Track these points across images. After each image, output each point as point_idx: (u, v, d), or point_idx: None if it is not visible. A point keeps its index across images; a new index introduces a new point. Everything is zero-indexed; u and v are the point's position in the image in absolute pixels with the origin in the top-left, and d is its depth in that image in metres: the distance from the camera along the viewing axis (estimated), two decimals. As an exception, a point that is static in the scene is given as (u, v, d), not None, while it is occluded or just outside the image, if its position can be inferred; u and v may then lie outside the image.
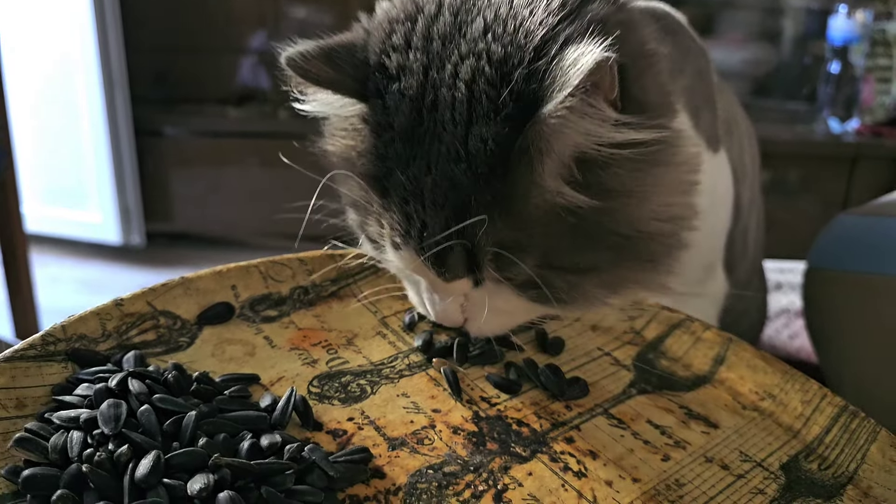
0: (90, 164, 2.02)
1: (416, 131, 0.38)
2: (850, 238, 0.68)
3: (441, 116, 0.37)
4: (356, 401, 0.41)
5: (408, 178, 0.38)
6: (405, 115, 0.38)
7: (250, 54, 2.16)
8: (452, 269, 0.39)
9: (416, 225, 0.38)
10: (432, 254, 0.38)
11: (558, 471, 0.37)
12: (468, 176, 0.37)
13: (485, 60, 0.37)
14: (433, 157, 0.37)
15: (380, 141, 0.39)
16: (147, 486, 0.30)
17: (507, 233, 0.37)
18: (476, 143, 0.36)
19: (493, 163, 0.36)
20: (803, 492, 0.38)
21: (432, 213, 0.38)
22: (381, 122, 0.39)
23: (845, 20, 1.96)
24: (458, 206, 0.37)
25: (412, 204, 0.38)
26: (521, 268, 0.38)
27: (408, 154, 0.38)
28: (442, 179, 0.37)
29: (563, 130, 0.35)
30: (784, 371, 0.45)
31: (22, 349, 0.38)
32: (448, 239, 0.38)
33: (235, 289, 0.48)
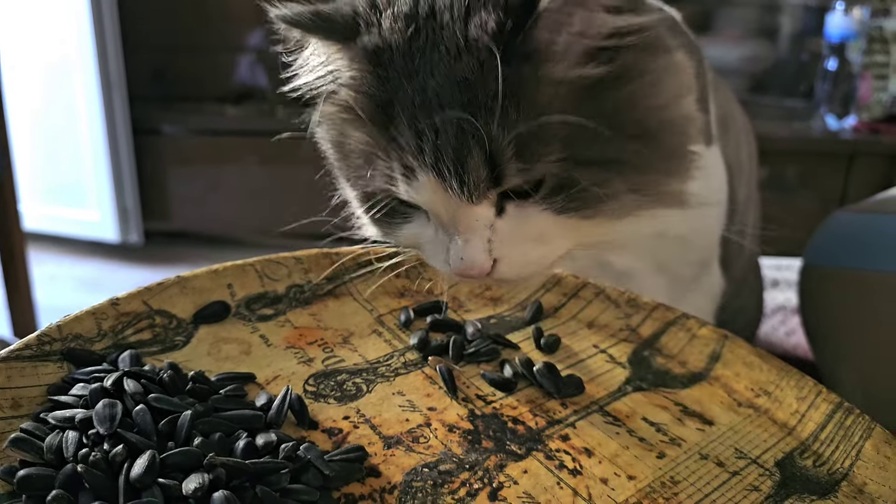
0: (88, 163, 2.01)
1: (413, 45, 0.38)
2: (846, 235, 0.68)
3: (439, 20, 0.38)
4: (352, 399, 0.41)
5: (413, 90, 0.38)
6: (401, 32, 0.39)
7: (248, 52, 2.16)
8: (474, 177, 0.37)
9: (429, 138, 0.37)
10: (451, 163, 0.37)
11: (554, 468, 0.37)
12: (471, 67, 0.36)
13: None
14: (435, 62, 0.37)
15: (380, 65, 0.39)
16: (142, 485, 0.31)
17: (524, 124, 0.36)
18: (476, 30, 0.36)
19: (498, 48, 0.36)
20: (798, 489, 0.38)
21: (442, 119, 0.37)
22: (380, 46, 0.39)
23: (842, 17, 1.96)
24: (468, 103, 0.36)
25: (421, 117, 0.37)
26: (546, 161, 0.37)
27: (409, 68, 0.38)
28: (447, 81, 0.37)
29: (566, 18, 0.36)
30: (779, 368, 0.45)
31: (18, 349, 0.38)
32: (466, 143, 0.36)
33: (231, 287, 0.48)
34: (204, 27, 2.14)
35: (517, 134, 0.36)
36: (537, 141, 0.37)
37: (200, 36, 2.15)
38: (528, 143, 0.37)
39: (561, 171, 0.38)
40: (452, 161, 0.37)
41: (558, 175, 0.38)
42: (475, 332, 0.46)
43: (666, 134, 0.42)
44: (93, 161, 2.00)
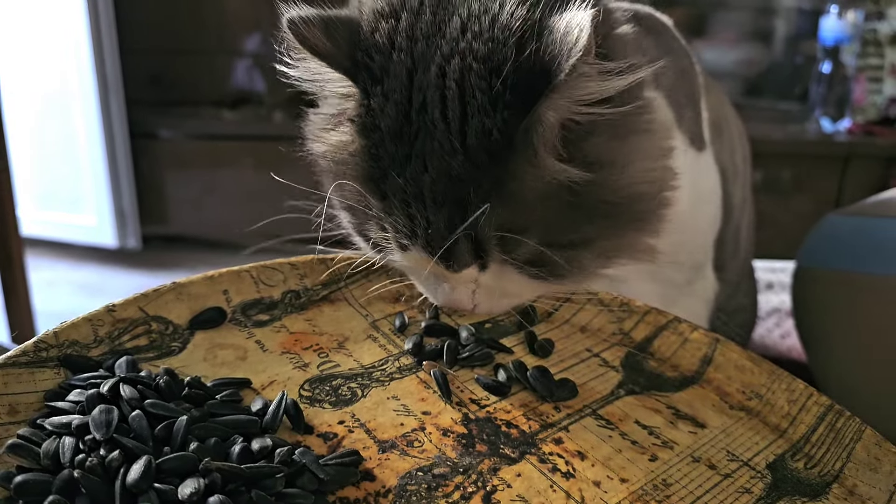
0: (85, 167, 2.02)
1: (404, 133, 0.39)
2: (839, 238, 0.69)
3: (431, 117, 0.39)
4: (347, 404, 0.41)
5: (405, 180, 0.39)
6: (391, 117, 0.40)
7: (245, 57, 2.16)
8: (461, 260, 0.41)
9: (422, 224, 0.40)
10: (441, 251, 0.40)
11: (547, 472, 0.37)
12: (467, 169, 0.38)
13: (471, 58, 0.38)
14: (428, 156, 0.39)
15: (369, 142, 0.40)
16: (138, 490, 0.31)
17: (508, 217, 0.39)
18: (473, 136, 0.38)
19: (492, 151, 0.38)
20: (789, 490, 0.38)
21: (435, 210, 0.39)
22: (367, 123, 0.40)
23: (837, 20, 1.97)
24: (460, 200, 0.38)
25: (414, 205, 0.40)
26: (525, 247, 0.40)
27: (401, 155, 0.39)
28: (440, 176, 0.38)
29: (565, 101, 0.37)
30: (771, 371, 0.46)
31: (14, 355, 0.39)
32: (453, 233, 0.39)
33: (227, 293, 0.48)
34: (201, 31, 2.15)
35: (501, 226, 0.39)
36: (519, 230, 0.40)
37: (197, 40, 2.15)
38: (511, 232, 0.39)
39: (535, 251, 0.41)
40: (440, 249, 0.40)
41: (532, 255, 0.41)
42: (469, 337, 0.46)
43: (637, 203, 0.43)
44: (90, 166, 2.01)
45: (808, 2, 2.12)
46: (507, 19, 0.39)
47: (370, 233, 0.43)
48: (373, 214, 0.42)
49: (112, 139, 2.00)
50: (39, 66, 1.97)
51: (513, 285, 0.44)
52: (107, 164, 1.99)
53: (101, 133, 1.97)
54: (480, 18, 0.39)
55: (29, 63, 1.95)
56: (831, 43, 1.99)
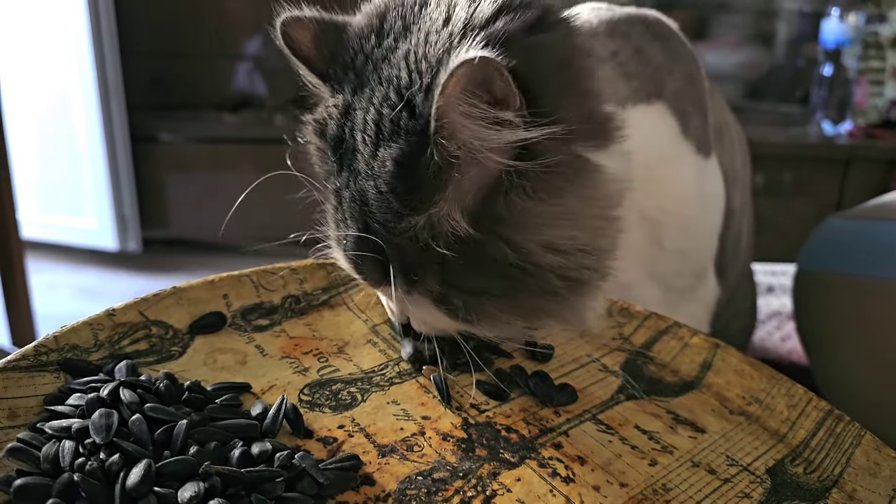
0: (86, 171, 2.02)
1: (339, 146, 0.41)
2: (840, 241, 0.69)
3: (356, 136, 0.39)
4: (347, 408, 0.41)
5: (335, 188, 0.41)
6: (333, 130, 0.41)
7: (246, 60, 2.17)
8: (371, 277, 0.41)
9: (343, 228, 0.41)
10: (356, 265, 0.41)
11: (546, 476, 0.37)
12: (374, 194, 0.38)
13: (392, 86, 0.38)
14: (353, 172, 0.40)
15: (320, 146, 0.42)
16: (138, 494, 0.31)
17: (407, 252, 0.39)
18: (380, 163, 0.38)
19: (394, 182, 0.37)
20: (789, 495, 0.38)
21: (349, 224, 0.40)
22: (318, 128, 0.42)
23: (838, 23, 1.97)
24: (365, 223, 0.39)
25: (339, 212, 0.41)
26: (423, 285, 0.40)
27: (336, 165, 0.41)
28: (355, 195, 0.39)
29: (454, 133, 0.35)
30: (770, 376, 0.46)
31: (14, 360, 0.39)
32: (360, 250, 0.40)
33: (227, 298, 0.48)
34: (202, 35, 2.15)
35: (401, 256, 0.39)
36: (418, 264, 0.39)
37: (198, 44, 2.15)
38: (410, 267, 0.39)
39: (439, 292, 0.40)
40: (356, 264, 0.41)
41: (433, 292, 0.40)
42: (469, 342, 0.46)
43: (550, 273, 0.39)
44: (91, 169, 2.01)
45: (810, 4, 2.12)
46: (435, 49, 0.38)
47: None
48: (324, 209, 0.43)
49: (113, 142, 2.00)
50: (40, 70, 1.97)
51: (430, 315, 0.42)
52: (107, 167, 2.00)
53: (101, 136, 1.97)
54: (418, 49, 0.38)
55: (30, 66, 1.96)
56: (832, 46, 1.99)
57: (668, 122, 0.54)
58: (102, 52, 1.93)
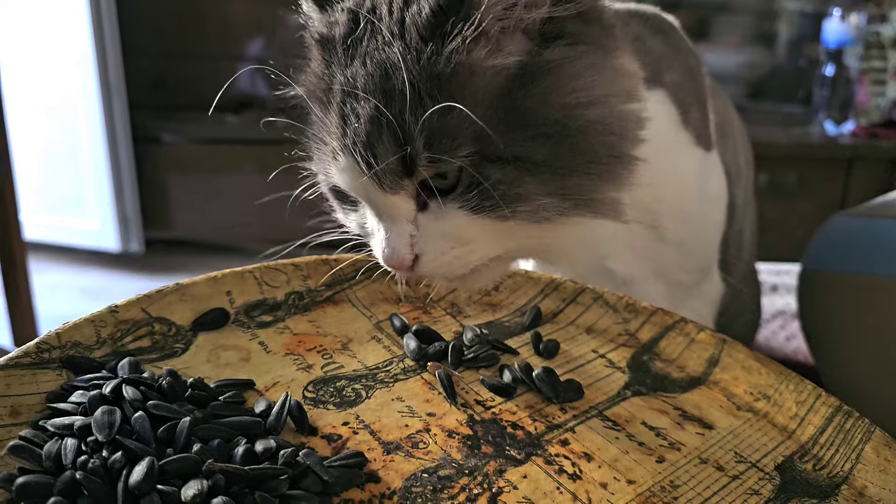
0: (88, 172, 2.02)
1: (352, 36, 0.40)
2: (845, 240, 0.68)
3: (378, 13, 0.39)
4: (351, 405, 0.41)
5: (346, 78, 0.40)
6: (343, 24, 0.41)
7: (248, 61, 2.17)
8: (384, 161, 0.38)
9: (351, 124, 0.39)
10: (363, 148, 0.38)
11: (553, 473, 0.37)
12: (398, 55, 0.37)
13: None
14: (369, 52, 0.39)
15: (325, 53, 0.42)
16: (141, 492, 0.30)
17: (435, 115, 0.36)
18: (412, 17, 0.37)
19: (426, 36, 0.37)
20: (798, 492, 0.38)
21: (364, 102, 0.38)
22: (325, 35, 0.42)
23: (839, 23, 1.97)
24: (388, 88, 0.37)
25: (348, 102, 0.39)
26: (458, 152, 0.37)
27: (346, 57, 0.40)
28: (374, 67, 0.38)
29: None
30: (778, 372, 0.45)
31: (17, 357, 0.38)
32: (379, 127, 0.37)
33: (230, 294, 0.48)
34: (204, 36, 2.15)
35: (428, 124, 0.37)
36: (448, 133, 0.37)
37: (200, 45, 2.16)
38: (438, 135, 0.37)
39: (472, 167, 0.38)
40: (364, 145, 0.38)
41: (471, 171, 0.38)
42: (474, 338, 0.46)
43: (590, 135, 0.39)
44: (93, 170, 2.01)
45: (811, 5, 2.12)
46: None
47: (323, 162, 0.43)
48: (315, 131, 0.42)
49: (115, 143, 2.00)
50: (43, 71, 1.97)
51: (456, 229, 0.40)
52: (110, 168, 2.00)
53: (104, 137, 1.97)
54: None
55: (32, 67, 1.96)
56: (834, 46, 1.99)
57: (668, 109, 0.53)
58: (105, 54, 1.93)
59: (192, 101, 2.17)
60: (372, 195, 0.41)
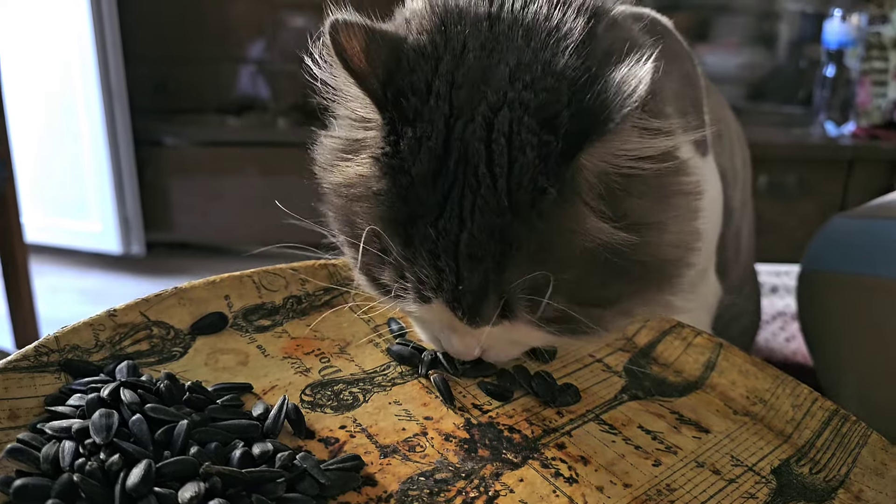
0: (90, 174, 2.02)
1: (438, 183, 0.37)
2: (844, 240, 0.69)
3: (475, 170, 0.36)
4: (348, 409, 0.41)
5: (437, 232, 0.37)
6: (424, 164, 0.37)
7: (249, 63, 2.17)
8: (486, 317, 0.38)
9: (450, 279, 0.37)
10: (468, 307, 0.38)
11: (549, 477, 0.37)
12: (513, 227, 0.36)
13: (521, 110, 0.36)
14: (466, 210, 0.36)
15: (396, 185, 0.37)
16: (138, 494, 0.31)
17: (543, 277, 0.37)
18: (521, 193, 0.36)
19: (540, 209, 0.36)
20: (795, 496, 0.38)
21: (469, 266, 0.37)
22: (395, 165, 0.37)
23: (840, 24, 1.97)
24: (499, 258, 0.36)
25: (444, 259, 0.37)
26: (552, 306, 0.38)
27: (433, 205, 0.37)
28: (480, 233, 0.36)
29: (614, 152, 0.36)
30: (775, 376, 0.45)
31: (15, 360, 0.39)
32: (485, 291, 0.37)
33: (229, 298, 0.48)
34: (205, 39, 2.15)
35: (534, 286, 0.37)
36: (548, 291, 0.37)
37: (201, 47, 2.16)
38: (539, 293, 0.37)
39: (560, 311, 0.38)
40: (470, 306, 0.38)
41: (557, 311, 0.38)
42: None
43: (667, 265, 0.41)
44: (95, 172, 2.01)
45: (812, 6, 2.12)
46: (562, 68, 0.37)
47: (382, 277, 0.40)
48: (391, 260, 0.39)
49: (116, 146, 2.00)
50: (44, 74, 1.98)
51: (525, 338, 0.42)
52: (111, 171, 2.00)
53: (105, 140, 1.98)
54: (532, 67, 0.37)
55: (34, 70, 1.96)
56: (835, 47, 1.99)
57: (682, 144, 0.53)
58: (106, 57, 1.94)
59: (193, 103, 2.18)
60: (450, 322, 0.41)
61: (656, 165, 0.37)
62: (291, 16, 2.11)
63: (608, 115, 0.35)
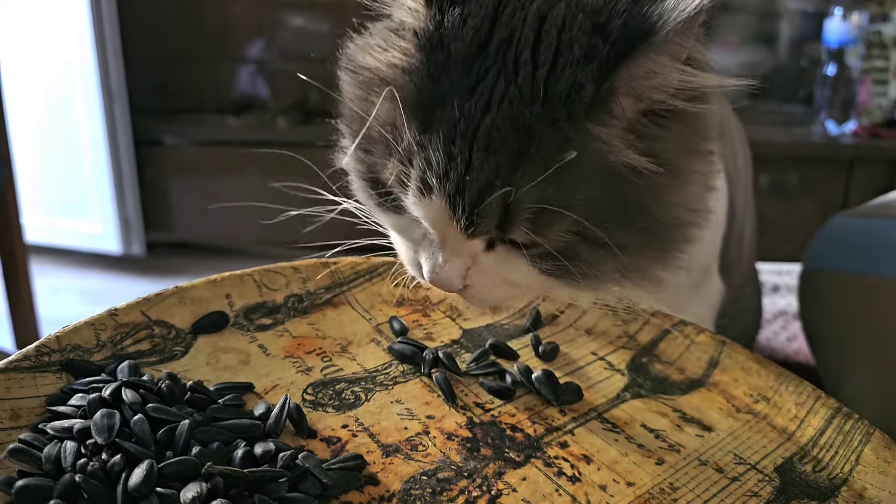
0: (90, 175, 2.02)
1: (476, 63, 0.36)
2: (846, 239, 0.68)
3: (516, 55, 0.35)
4: (350, 408, 0.41)
5: (462, 114, 0.35)
6: (465, 43, 0.36)
7: (248, 63, 2.17)
8: (483, 221, 0.36)
9: (459, 168, 0.35)
10: (469, 202, 0.36)
11: (552, 476, 0.37)
12: (539, 122, 0.35)
13: (576, 9, 0.36)
14: (497, 95, 0.35)
15: (430, 62, 0.36)
16: (140, 495, 0.31)
17: (554, 189, 0.35)
18: (560, 87, 0.35)
19: (571, 111, 0.35)
20: (798, 494, 0.38)
21: (482, 156, 0.35)
22: (433, 40, 0.36)
23: (841, 22, 1.96)
24: (515, 153, 0.35)
25: (458, 143, 0.35)
26: (556, 231, 0.36)
27: (465, 86, 0.35)
28: (505, 122, 0.35)
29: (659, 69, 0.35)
30: (778, 373, 0.45)
31: (16, 360, 0.39)
32: (491, 187, 0.35)
33: (230, 297, 0.48)
34: (205, 38, 2.15)
35: (544, 197, 0.35)
36: (556, 212, 0.36)
37: (201, 47, 2.16)
38: (545, 211, 0.36)
39: (561, 241, 0.37)
40: (472, 201, 0.36)
41: (557, 242, 0.37)
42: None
43: (675, 228, 0.40)
44: (95, 173, 2.01)
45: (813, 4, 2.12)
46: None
47: (386, 170, 0.38)
48: (402, 146, 0.37)
49: (116, 146, 2.00)
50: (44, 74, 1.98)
51: (516, 275, 0.39)
52: (111, 171, 2.00)
53: (105, 140, 1.97)
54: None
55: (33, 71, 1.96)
56: (836, 45, 1.99)
57: None
58: (106, 57, 1.94)
59: (192, 103, 2.18)
60: (443, 229, 0.38)
61: (693, 106, 0.37)
62: (290, 15, 2.11)
63: (660, 27, 0.34)
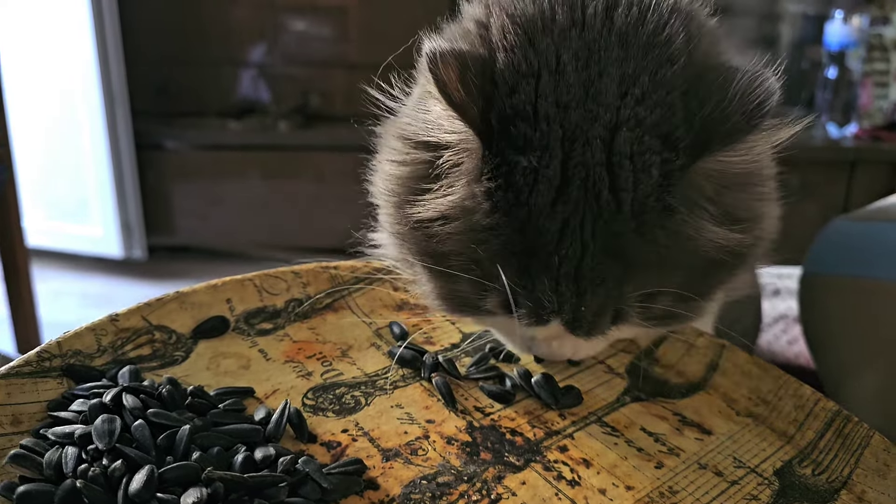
0: (91, 178, 2.02)
1: (556, 211, 0.36)
2: (845, 243, 0.68)
3: (596, 195, 0.35)
4: (350, 412, 0.41)
5: (560, 260, 0.36)
6: (543, 195, 0.35)
7: (250, 67, 2.17)
8: (603, 330, 0.39)
9: (571, 301, 0.37)
10: (587, 325, 0.38)
11: (552, 479, 0.37)
12: (637, 246, 0.36)
13: (639, 129, 0.35)
14: (587, 234, 0.36)
15: (512, 219, 0.36)
16: (141, 500, 0.31)
17: (656, 282, 0.37)
18: (650, 214, 0.35)
19: (665, 226, 0.36)
20: (797, 497, 0.38)
21: (591, 289, 0.36)
22: (510, 199, 0.36)
23: (842, 25, 1.96)
24: (620, 275, 0.36)
25: (564, 284, 0.36)
26: (660, 304, 0.38)
27: (552, 234, 0.36)
28: (605, 256, 0.36)
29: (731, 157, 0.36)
30: (777, 377, 0.45)
31: (17, 365, 0.39)
32: (606, 307, 0.37)
33: (230, 302, 0.48)
34: (206, 42, 2.16)
35: (648, 293, 0.37)
36: (659, 296, 0.38)
37: (202, 51, 2.16)
38: (652, 299, 0.38)
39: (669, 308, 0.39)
40: (588, 322, 0.38)
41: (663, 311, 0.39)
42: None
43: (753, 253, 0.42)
44: (96, 176, 2.01)
45: (813, 7, 2.12)
46: (671, 78, 0.36)
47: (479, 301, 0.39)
48: (496, 287, 0.37)
49: (118, 150, 2.01)
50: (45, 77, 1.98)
51: (623, 334, 0.43)
52: (112, 174, 2.00)
53: (106, 144, 1.98)
54: (639, 79, 0.36)
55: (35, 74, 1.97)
56: (837, 48, 1.99)
57: None
58: (107, 60, 1.94)
59: (194, 107, 2.18)
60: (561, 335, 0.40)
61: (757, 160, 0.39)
62: (292, 19, 2.11)
63: (733, 127, 0.35)
